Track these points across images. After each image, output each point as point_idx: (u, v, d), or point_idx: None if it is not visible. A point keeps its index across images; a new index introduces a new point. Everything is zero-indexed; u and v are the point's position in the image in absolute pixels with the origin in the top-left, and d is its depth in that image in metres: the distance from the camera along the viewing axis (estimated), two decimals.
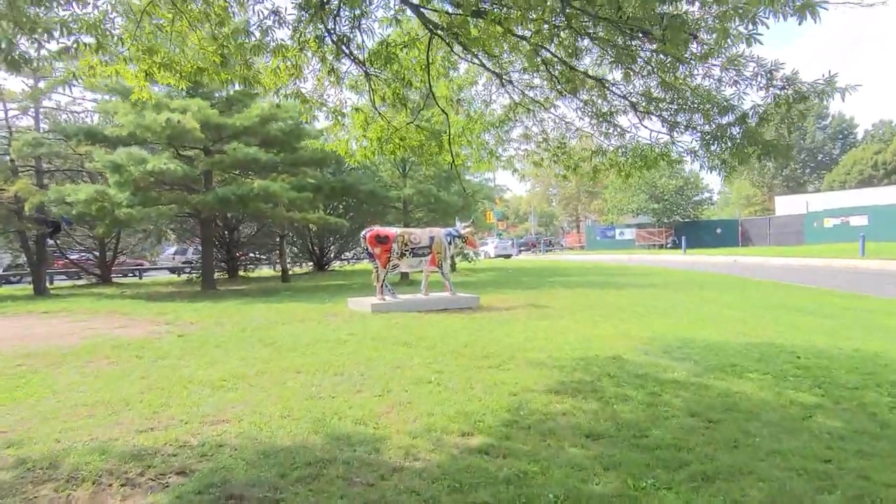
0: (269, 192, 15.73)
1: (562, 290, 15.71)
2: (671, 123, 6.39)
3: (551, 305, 12.51)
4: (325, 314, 11.64)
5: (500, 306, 12.60)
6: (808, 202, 51.43)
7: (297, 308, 12.70)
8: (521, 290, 16.24)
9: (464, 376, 6.34)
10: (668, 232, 53.67)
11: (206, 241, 18.75)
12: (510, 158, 9.05)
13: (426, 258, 12.46)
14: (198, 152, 17.93)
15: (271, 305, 13.36)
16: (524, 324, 10.07)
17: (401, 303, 12.06)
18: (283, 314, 11.65)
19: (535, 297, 14.16)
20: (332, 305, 13.10)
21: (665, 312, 11.22)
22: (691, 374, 6.41)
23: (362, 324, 10.13)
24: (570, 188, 69.98)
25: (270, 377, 6.34)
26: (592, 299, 13.54)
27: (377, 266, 12.09)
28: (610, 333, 9.00)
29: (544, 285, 17.39)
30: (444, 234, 12.83)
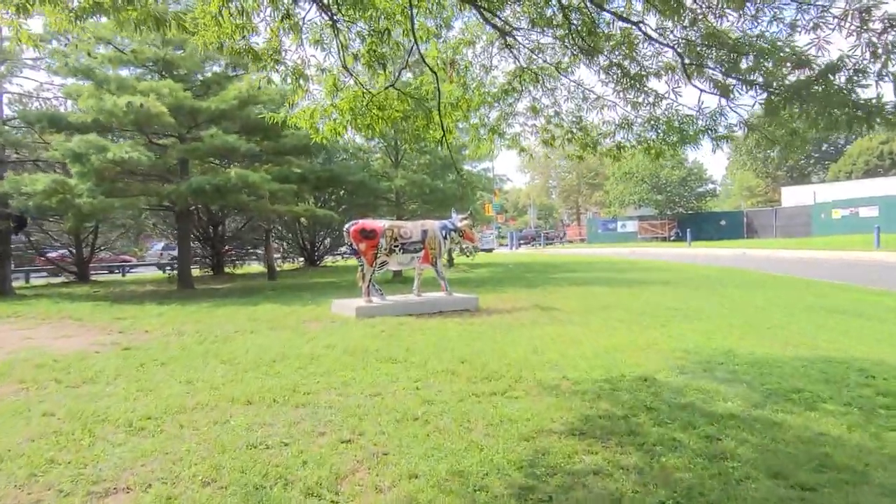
0: (247, 183, 14.31)
1: (569, 289, 14.33)
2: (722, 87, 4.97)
3: (559, 307, 11.13)
4: (303, 319, 10.25)
5: (502, 308, 11.22)
6: (815, 193, 50.07)
7: (273, 311, 11.30)
8: (524, 288, 14.85)
9: (460, 409, 4.96)
10: (670, 224, 52.33)
11: (183, 235, 17.33)
12: (515, 137, 7.64)
13: (418, 254, 11.06)
14: (174, 141, 16.51)
15: (246, 308, 11.96)
16: (530, 331, 8.69)
17: (390, 305, 10.67)
18: (256, 319, 10.26)
19: (541, 297, 12.78)
20: (313, 308, 11.71)
21: (690, 316, 9.84)
22: (749, 403, 5.03)
23: (343, 332, 8.74)
24: (570, 180, 68.57)
25: (212, 412, 4.94)
26: (604, 299, 12.16)
27: (363, 264, 10.69)
28: (632, 344, 7.62)
29: (549, 283, 16.01)
30: (438, 227, 11.44)
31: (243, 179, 14.16)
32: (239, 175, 14.09)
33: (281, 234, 27.13)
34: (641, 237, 53.27)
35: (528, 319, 9.75)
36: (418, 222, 11.50)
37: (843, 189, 48.30)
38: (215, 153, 15.25)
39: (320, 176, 16.49)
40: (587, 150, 7.64)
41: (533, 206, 75.44)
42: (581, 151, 7.67)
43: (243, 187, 14.69)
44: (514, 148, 7.87)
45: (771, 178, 72.08)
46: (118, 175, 15.22)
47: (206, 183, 14.20)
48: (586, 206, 75.23)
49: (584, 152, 7.70)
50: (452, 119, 6.57)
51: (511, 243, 49.93)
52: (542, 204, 78.02)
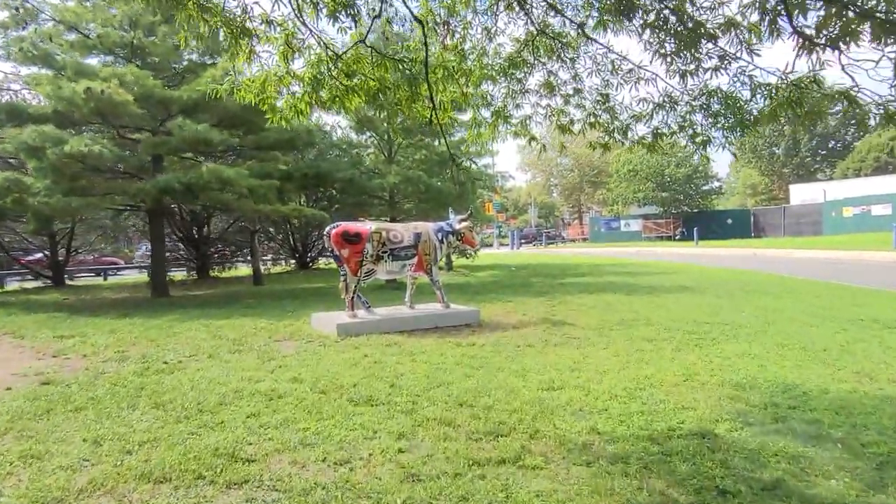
0: (222, 179, 12.85)
1: (580, 297, 12.88)
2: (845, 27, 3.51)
3: (573, 321, 9.70)
4: (275, 338, 8.81)
5: (508, 322, 9.79)
6: (825, 190, 48.64)
7: (244, 327, 9.86)
8: (531, 296, 13.41)
9: (457, 492, 3.53)
10: (675, 223, 50.91)
11: (156, 238, 15.88)
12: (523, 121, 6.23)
13: (410, 262, 9.62)
14: (147, 135, 15.06)
15: (216, 322, 10.51)
16: (543, 356, 7.25)
17: (377, 320, 9.22)
18: (221, 338, 8.81)
19: (550, 308, 11.34)
20: (291, 322, 10.28)
21: (727, 333, 8.40)
22: (860, 480, 3.60)
23: (318, 357, 7.30)
24: (572, 178, 67.14)
25: (102, 499, 3.50)
26: (622, 311, 10.72)
27: (345, 273, 9.25)
28: (669, 374, 6.18)
29: (557, 289, 14.56)
30: (433, 230, 10.01)
31: (217, 175, 12.71)
32: (212, 171, 12.64)
33: (270, 235, 25.68)
34: (645, 236, 51.90)
35: (538, 339, 8.31)
36: (410, 225, 10.05)
37: (854, 186, 46.88)
38: (188, 147, 13.79)
39: (306, 173, 15.03)
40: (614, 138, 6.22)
41: (534, 204, 73.99)
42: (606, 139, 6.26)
43: (218, 184, 13.24)
44: (523, 136, 6.45)
45: (776, 176, 70.61)
46: (81, 172, 13.77)
47: (176, 180, 12.75)
48: (588, 205, 73.80)
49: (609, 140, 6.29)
50: (447, 93, 5.13)
51: (512, 243, 48.46)
52: (543, 202, 76.56)
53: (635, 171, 52.30)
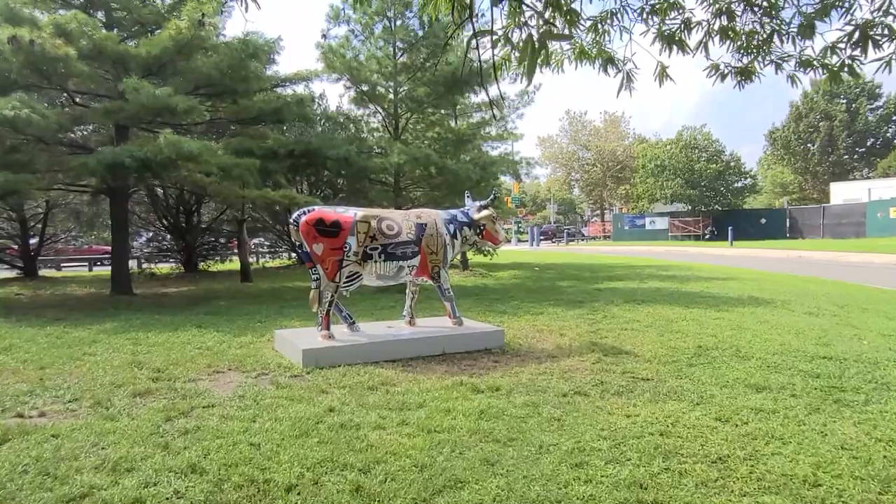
0: (184, 154, 10.29)
1: (628, 309, 10.19)
2: None
3: (632, 348, 7.04)
4: (215, 367, 6.23)
5: (541, 348, 7.16)
6: (870, 189, 45.26)
7: (184, 347, 7.31)
8: (565, 306, 10.75)
9: None
10: (705, 222, 47.84)
11: (118, 225, 13.37)
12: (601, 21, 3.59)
13: (411, 262, 6.97)
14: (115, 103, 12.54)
15: (158, 336, 7.99)
16: (605, 418, 4.61)
17: (361, 346, 6.61)
18: (137, 367, 6.23)
19: (594, 325, 8.68)
20: (251, 339, 7.72)
21: (876, 381, 5.70)
22: None
23: (254, 414, 4.69)
24: (594, 173, 64.07)
25: None
26: (692, 332, 8.04)
27: (319, 277, 6.64)
28: (841, 470, 3.54)
29: (595, 297, 11.87)
30: (443, 219, 7.37)
31: (177, 149, 10.15)
32: (170, 143, 10.08)
33: (266, 225, 23.21)
34: (672, 235, 48.91)
35: (590, 380, 5.67)
36: (412, 212, 7.37)
37: None
38: (149, 116, 11.24)
39: (293, 150, 12.45)
40: (762, 57, 3.58)
41: (553, 200, 71.03)
42: (747, 60, 3.65)
43: (181, 161, 10.70)
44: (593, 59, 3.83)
45: (810, 175, 66.89)
46: (23, 143, 11.33)
47: (127, 154, 10.22)
48: (610, 201, 70.66)
49: (753, 62, 3.66)
50: None
51: (532, 239, 45.70)
52: (563, 198, 73.54)
53: (662, 167, 49.29)
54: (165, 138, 10.14)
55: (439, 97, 13.70)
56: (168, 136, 10.21)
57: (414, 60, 13.94)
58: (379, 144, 14.44)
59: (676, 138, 50.20)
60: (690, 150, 48.98)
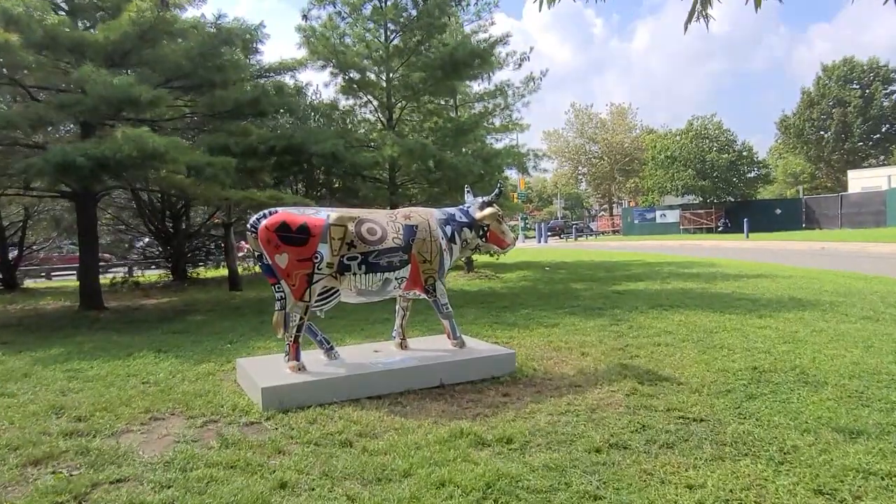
0: (146, 152, 9.03)
1: (657, 317, 8.88)
2: None
3: (671, 372, 5.74)
4: (154, 411, 4.96)
5: (561, 373, 5.86)
6: (889, 176, 43.64)
7: (128, 380, 6.06)
8: (583, 314, 9.45)
9: None
10: (717, 214, 46.36)
11: (84, 232, 12.14)
12: None
13: (399, 273, 5.67)
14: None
15: (93, 370, 6.74)
16: (657, 492, 3.33)
17: (338, 380, 5.31)
18: (52, 415, 4.95)
19: (620, 339, 7.38)
20: (210, 369, 6.46)
21: None
22: None
23: (177, 492, 3.43)
24: (602, 166, 62.55)
25: None
26: (739, 347, 6.73)
27: (283, 296, 5.36)
28: None
29: (616, 302, 10.55)
30: (438, 219, 6.07)
31: (139, 146, 8.89)
32: (129, 139, 8.82)
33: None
34: (684, 228, 47.43)
35: (629, 425, 4.37)
36: (400, 212, 6.06)
37: None
38: (111, 109, 9.99)
39: (274, 146, 11.17)
40: None
41: (560, 195, 69.58)
42: None
43: (143, 159, 9.43)
44: None
45: (824, 163, 65.08)
46: None
47: (80, 153, 8.96)
48: (619, 195, 69.12)
49: None
50: None
51: (539, 236, 44.33)
52: (569, 193, 72.05)
53: (673, 158, 47.84)
54: (124, 133, 8.90)
55: (436, 82, 12.38)
56: (127, 130, 8.96)
57: (407, 43, 12.65)
58: (370, 137, 13.13)
59: (686, 128, 48.70)
60: (701, 139, 47.48)
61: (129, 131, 8.95)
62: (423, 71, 12.32)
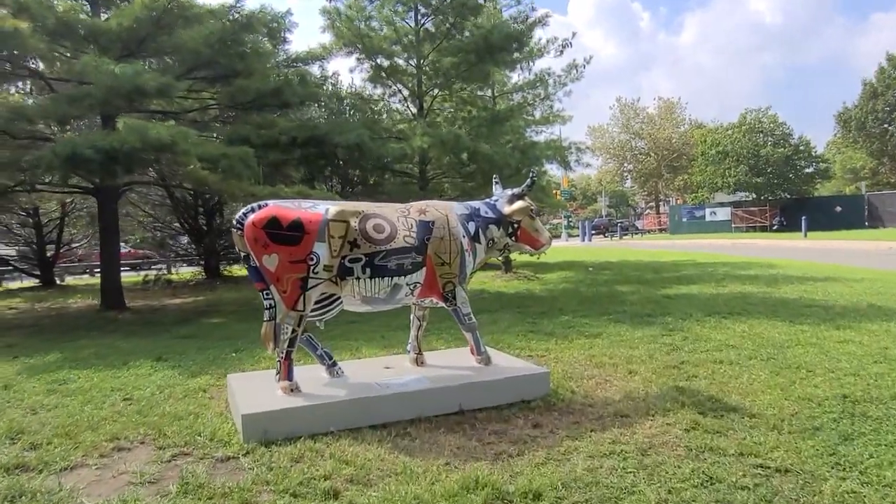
0: (150, 142, 8.41)
1: (715, 326, 7.80)
2: None
3: (741, 399, 4.72)
4: (119, 441, 4.22)
5: (603, 397, 4.90)
6: None
7: (110, 395, 5.39)
8: (629, 321, 8.44)
9: None
10: (772, 211, 44.05)
11: (107, 228, 11.72)
12: None
13: (412, 278, 4.82)
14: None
15: (82, 380, 6.11)
16: None
17: (334, 404, 4.50)
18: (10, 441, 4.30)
19: (674, 354, 6.37)
20: (205, 383, 5.74)
21: None
22: None
23: None
24: (649, 163, 60.49)
25: None
26: (821, 366, 5.64)
27: (273, 304, 4.58)
28: None
29: (667, 307, 9.48)
30: (459, 215, 5.18)
31: (142, 137, 8.28)
32: (132, 129, 8.23)
33: None
34: (735, 227, 45.27)
35: (692, 475, 3.42)
36: (414, 206, 5.16)
37: None
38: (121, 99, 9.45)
39: (296, 137, 10.48)
40: None
41: (604, 192, 67.69)
42: None
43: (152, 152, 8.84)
44: None
45: (888, 158, 61.44)
46: None
47: (89, 145, 8.43)
48: (666, 192, 66.81)
49: None
50: None
51: (583, 234, 42.93)
52: (614, 191, 70.01)
53: (724, 153, 45.68)
54: (125, 123, 8.31)
55: (470, 68, 11.49)
56: (128, 121, 8.37)
57: (439, 27, 11.80)
58: (399, 128, 12.30)
59: (739, 122, 46.46)
60: (755, 133, 45.21)
61: (131, 121, 8.36)
62: (455, 56, 11.46)
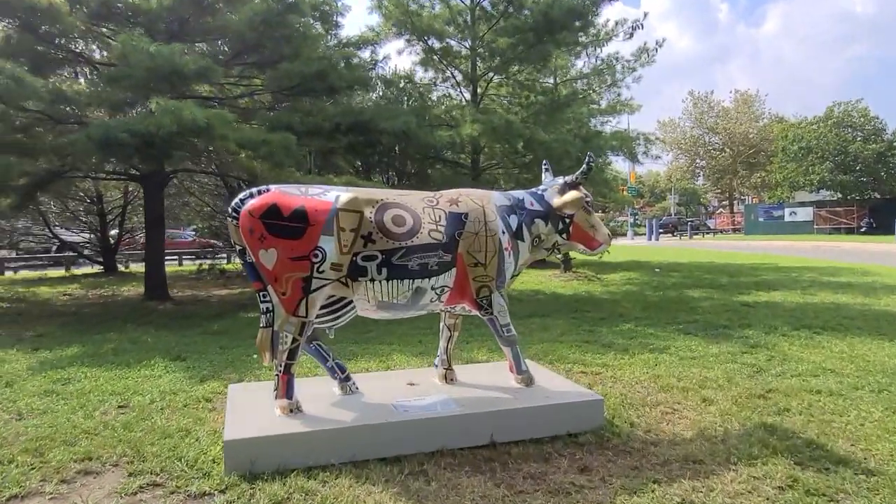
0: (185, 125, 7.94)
1: (807, 344, 6.65)
2: None
3: (848, 443, 3.70)
4: (89, 464, 3.62)
5: (672, 438, 3.97)
6: None
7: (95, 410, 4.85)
8: (703, 335, 7.37)
9: None
10: (860, 212, 40.81)
11: (153, 218, 11.46)
12: None
13: (439, 281, 4.03)
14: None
15: (87, 380, 5.63)
16: None
17: (336, 431, 3.78)
18: None
19: (758, 378, 5.33)
20: (211, 390, 5.14)
21: None
22: None
23: None
24: (723, 159, 57.42)
25: None
26: None
27: (270, 307, 3.89)
28: None
29: (746, 316, 8.32)
30: (498, 206, 4.35)
31: (178, 119, 7.82)
32: (166, 110, 7.77)
33: None
34: (818, 228, 42.22)
35: None
36: (444, 195, 4.34)
37: None
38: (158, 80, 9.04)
39: (339, 123, 9.85)
40: None
41: (674, 189, 64.82)
42: None
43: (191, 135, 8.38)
44: None
45: None
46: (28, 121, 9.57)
47: (124, 128, 8.04)
48: (741, 190, 63.36)
49: None
50: None
51: (650, 233, 41.05)
52: (685, 188, 66.92)
53: (808, 149, 42.65)
54: (158, 105, 7.86)
55: (528, 48, 10.54)
56: (161, 102, 7.91)
57: (496, 4, 10.91)
58: (449, 112, 11.47)
59: (826, 115, 43.27)
60: (843, 128, 42.01)
61: (165, 103, 7.89)
62: (513, 36, 10.56)
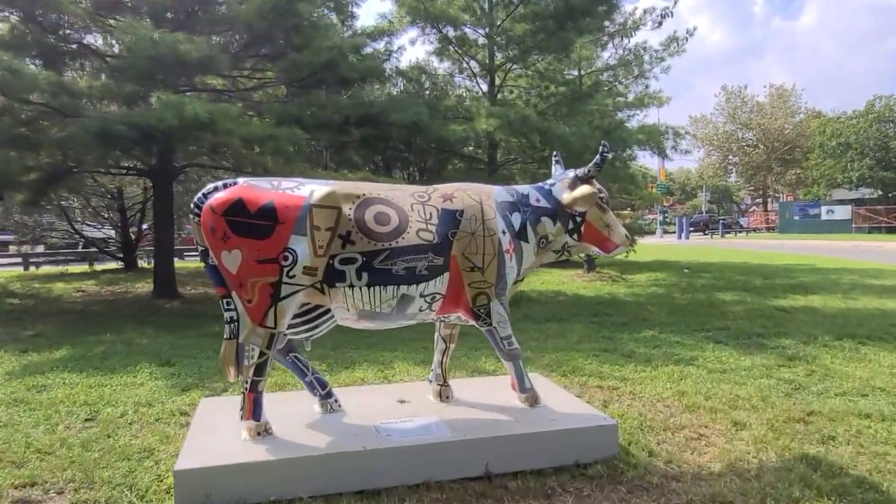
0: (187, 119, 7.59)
1: (852, 357, 6.01)
2: None
3: None
4: (29, 491, 3.23)
5: (698, 471, 3.41)
6: None
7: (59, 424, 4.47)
8: (734, 344, 6.77)
9: None
10: None
11: (162, 214, 11.20)
12: None
13: (429, 287, 3.54)
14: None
15: (64, 388, 5.28)
16: None
17: (306, 459, 3.33)
18: None
19: (797, 398, 4.73)
20: (190, 401, 4.73)
21: None
22: None
23: None
24: (756, 155, 55.77)
25: None
26: None
27: (235, 317, 3.45)
28: None
29: (782, 323, 7.67)
30: (498, 203, 3.84)
31: (179, 113, 7.46)
32: (166, 104, 7.41)
33: None
34: (857, 227, 40.70)
35: None
36: (437, 189, 3.86)
37: None
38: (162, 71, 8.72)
39: (349, 116, 9.42)
40: None
41: (705, 187, 63.27)
42: None
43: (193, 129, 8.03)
44: None
45: None
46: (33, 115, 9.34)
47: (122, 120, 7.73)
48: (776, 188, 61.52)
49: None
50: None
51: (680, 231, 40.00)
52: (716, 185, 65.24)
53: (847, 145, 41.16)
54: (159, 98, 7.51)
55: (548, 36, 9.97)
56: (162, 95, 7.57)
57: None
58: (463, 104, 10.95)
59: (866, 110, 41.66)
60: (884, 123, 40.39)
61: (165, 96, 7.54)
62: (532, 22, 10.01)
